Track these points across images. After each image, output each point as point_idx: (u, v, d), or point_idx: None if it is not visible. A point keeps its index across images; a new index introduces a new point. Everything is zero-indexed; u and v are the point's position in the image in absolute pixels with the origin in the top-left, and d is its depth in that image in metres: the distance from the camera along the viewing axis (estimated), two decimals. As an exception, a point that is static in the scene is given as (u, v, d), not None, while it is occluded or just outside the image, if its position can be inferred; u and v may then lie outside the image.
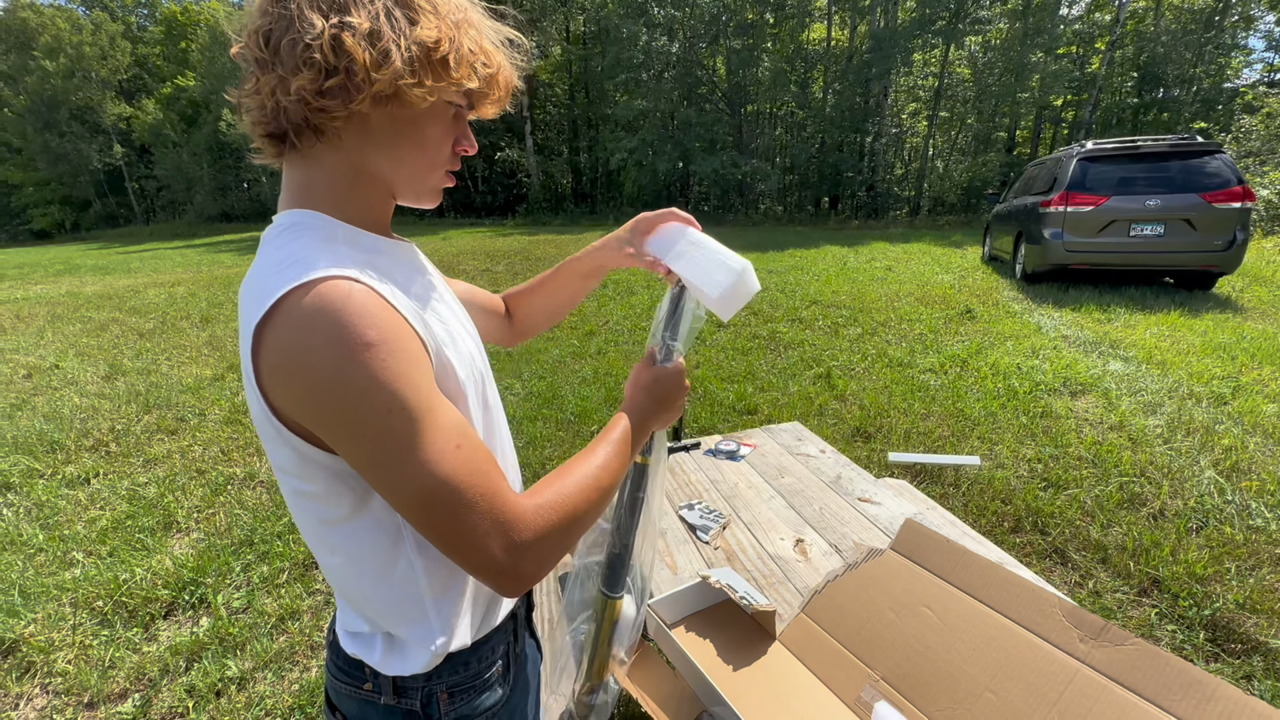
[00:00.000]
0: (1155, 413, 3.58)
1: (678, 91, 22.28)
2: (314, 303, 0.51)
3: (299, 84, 0.53)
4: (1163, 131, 17.96)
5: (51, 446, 3.82)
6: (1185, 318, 5.55)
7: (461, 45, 0.58)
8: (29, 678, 1.99)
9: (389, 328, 0.53)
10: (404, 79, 0.54)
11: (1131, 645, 0.73)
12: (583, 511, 0.61)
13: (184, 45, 32.49)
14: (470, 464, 0.55)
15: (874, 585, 0.97)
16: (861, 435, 3.53)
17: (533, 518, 0.57)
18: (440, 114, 0.61)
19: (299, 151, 0.59)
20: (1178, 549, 2.35)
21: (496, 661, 0.72)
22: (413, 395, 0.53)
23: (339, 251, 0.56)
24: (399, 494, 0.54)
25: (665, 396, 0.79)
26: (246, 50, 0.56)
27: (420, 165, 0.63)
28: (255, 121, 0.58)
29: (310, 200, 0.61)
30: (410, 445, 0.52)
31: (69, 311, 8.68)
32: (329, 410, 0.52)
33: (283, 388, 0.53)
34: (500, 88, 0.64)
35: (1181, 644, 1.96)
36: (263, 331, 0.52)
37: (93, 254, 20.80)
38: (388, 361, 0.51)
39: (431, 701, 0.67)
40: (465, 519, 0.54)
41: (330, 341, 0.50)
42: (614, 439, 0.70)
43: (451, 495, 0.53)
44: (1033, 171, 8.21)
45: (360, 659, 0.67)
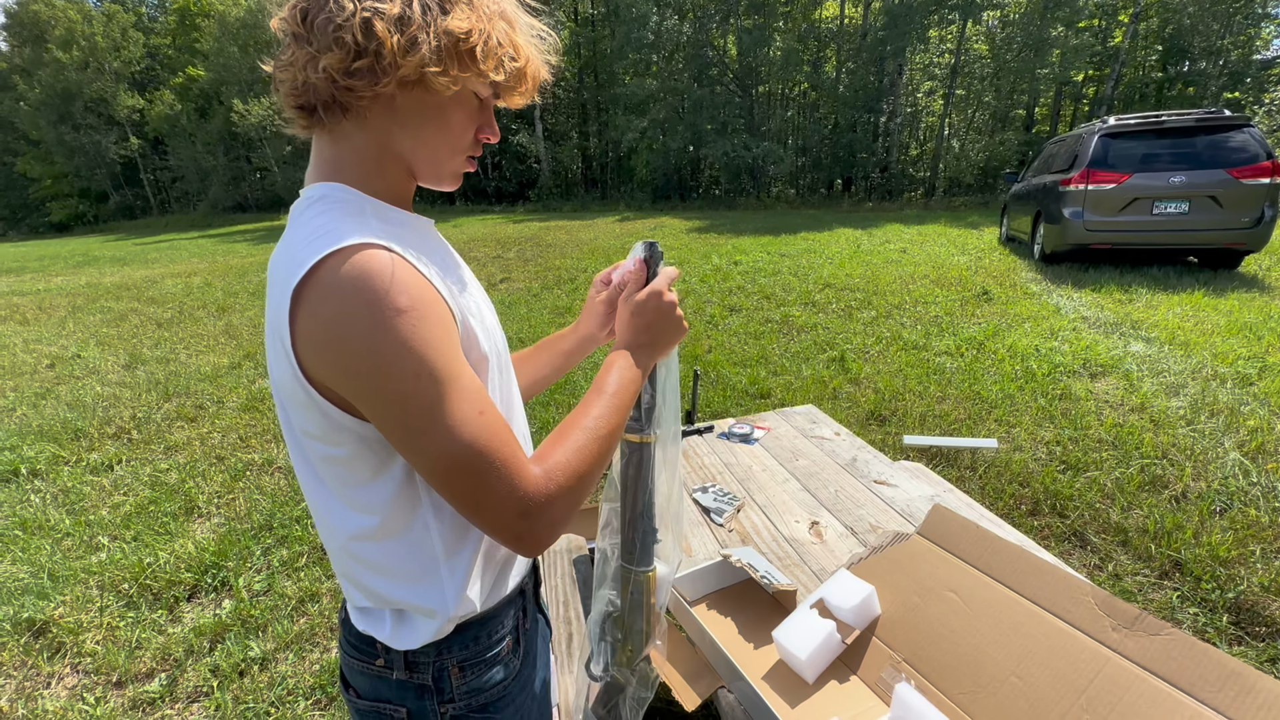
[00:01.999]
0: (1178, 394, 3.51)
1: (688, 73, 21.98)
2: (348, 270, 0.52)
3: (327, 62, 0.55)
4: (1188, 106, 17.45)
5: (75, 434, 3.89)
6: (1209, 297, 5.42)
7: (491, 38, 0.58)
8: (59, 658, 2.05)
9: (419, 294, 0.55)
10: (430, 66, 0.56)
11: (1166, 635, 0.71)
12: (588, 468, 0.62)
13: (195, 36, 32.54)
14: (491, 430, 0.56)
15: (898, 569, 0.96)
16: (876, 419, 3.50)
17: (545, 482, 0.58)
18: (465, 101, 0.63)
19: (326, 127, 0.61)
20: (1200, 531, 2.32)
21: (506, 636, 0.73)
22: (440, 361, 0.54)
23: (369, 224, 0.58)
24: (424, 458, 0.55)
25: (649, 322, 0.75)
26: (286, 23, 0.58)
27: (443, 149, 0.65)
28: (287, 93, 0.59)
29: (338, 174, 0.62)
30: (437, 411, 0.54)
31: (89, 302, 8.81)
32: (361, 375, 0.53)
33: (317, 352, 0.54)
34: (528, 80, 0.65)
35: (1204, 627, 1.94)
36: (298, 298, 0.53)
37: (110, 245, 21.08)
38: (418, 327, 0.53)
39: (443, 675, 0.68)
40: (486, 483, 0.55)
41: (364, 307, 0.52)
42: (605, 388, 0.69)
43: (475, 460, 0.55)
44: (1052, 149, 8.01)
45: (371, 635, 0.68)
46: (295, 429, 0.62)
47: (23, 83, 33.54)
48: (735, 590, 1.20)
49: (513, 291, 7.64)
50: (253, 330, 6.54)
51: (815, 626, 0.92)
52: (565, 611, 1.62)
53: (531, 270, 9.11)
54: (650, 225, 14.78)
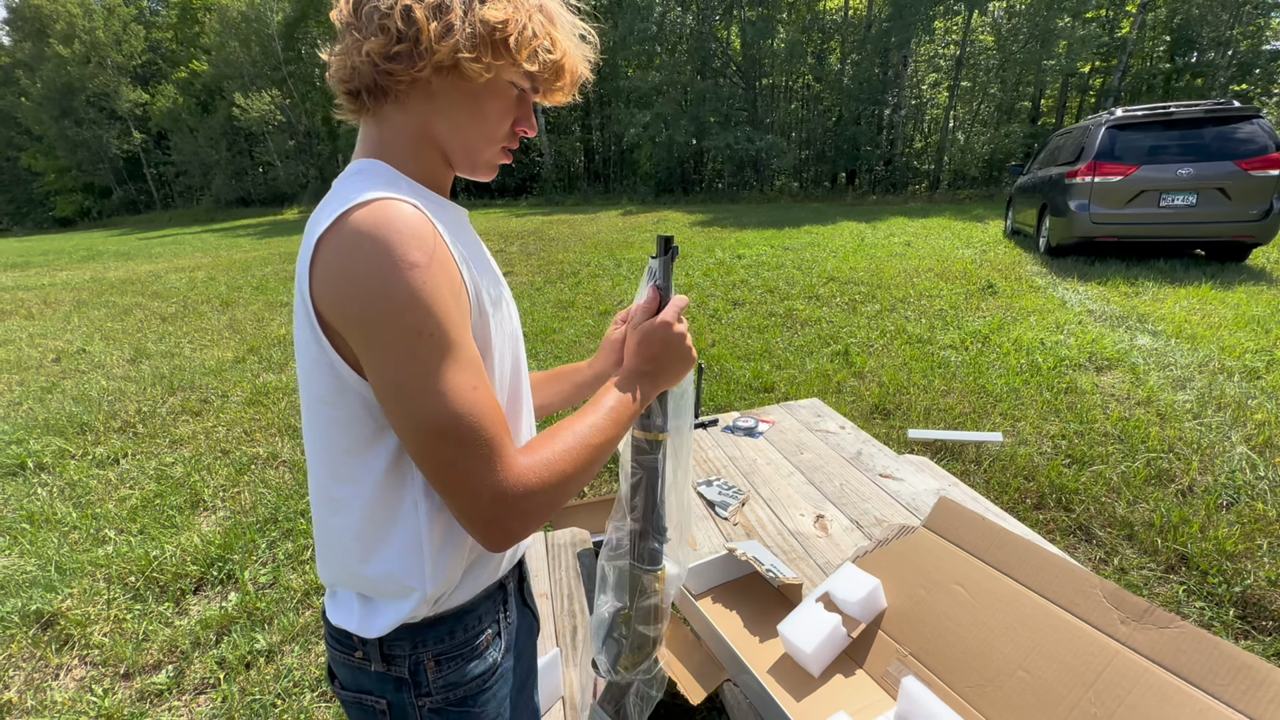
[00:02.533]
0: (1185, 388, 3.49)
1: (691, 65, 21.85)
2: (369, 216, 0.54)
3: (370, 47, 0.58)
4: (1196, 97, 17.27)
5: (81, 428, 3.91)
6: (1217, 290, 5.39)
7: (527, 29, 0.61)
8: (68, 649, 2.06)
9: (436, 252, 0.56)
10: (463, 53, 0.58)
11: (1176, 628, 0.70)
12: (572, 473, 0.61)
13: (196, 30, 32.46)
14: (483, 407, 0.57)
15: (904, 562, 0.96)
16: (880, 412, 3.49)
17: (525, 472, 0.58)
18: (501, 92, 0.64)
19: (371, 111, 0.64)
20: (1207, 525, 2.30)
21: (485, 630, 0.73)
22: (445, 323, 0.55)
23: (401, 189, 0.60)
24: (410, 420, 0.55)
25: (656, 352, 0.75)
26: (340, 15, 0.61)
27: (477, 137, 0.66)
28: (338, 80, 0.63)
29: (380, 154, 0.65)
30: (433, 372, 0.54)
31: (93, 297, 8.84)
32: (367, 321, 0.54)
33: (330, 296, 0.56)
34: (566, 75, 0.67)
35: (1210, 620, 1.93)
36: (321, 245, 0.55)
37: (114, 240, 21.13)
38: (428, 284, 0.54)
39: (419, 668, 0.68)
40: (467, 459, 0.55)
41: (379, 253, 0.53)
42: (602, 406, 0.69)
43: (460, 432, 0.55)
44: (1058, 141, 7.95)
45: (344, 627, 0.68)
46: (313, 395, 0.62)
47: (25, 77, 33.55)
48: (740, 584, 1.20)
49: (516, 285, 7.63)
50: (256, 325, 6.55)
51: (821, 620, 0.92)
52: (570, 605, 1.62)
53: (534, 264, 9.09)
54: (653, 219, 14.74)
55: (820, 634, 0.88)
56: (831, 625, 0.89)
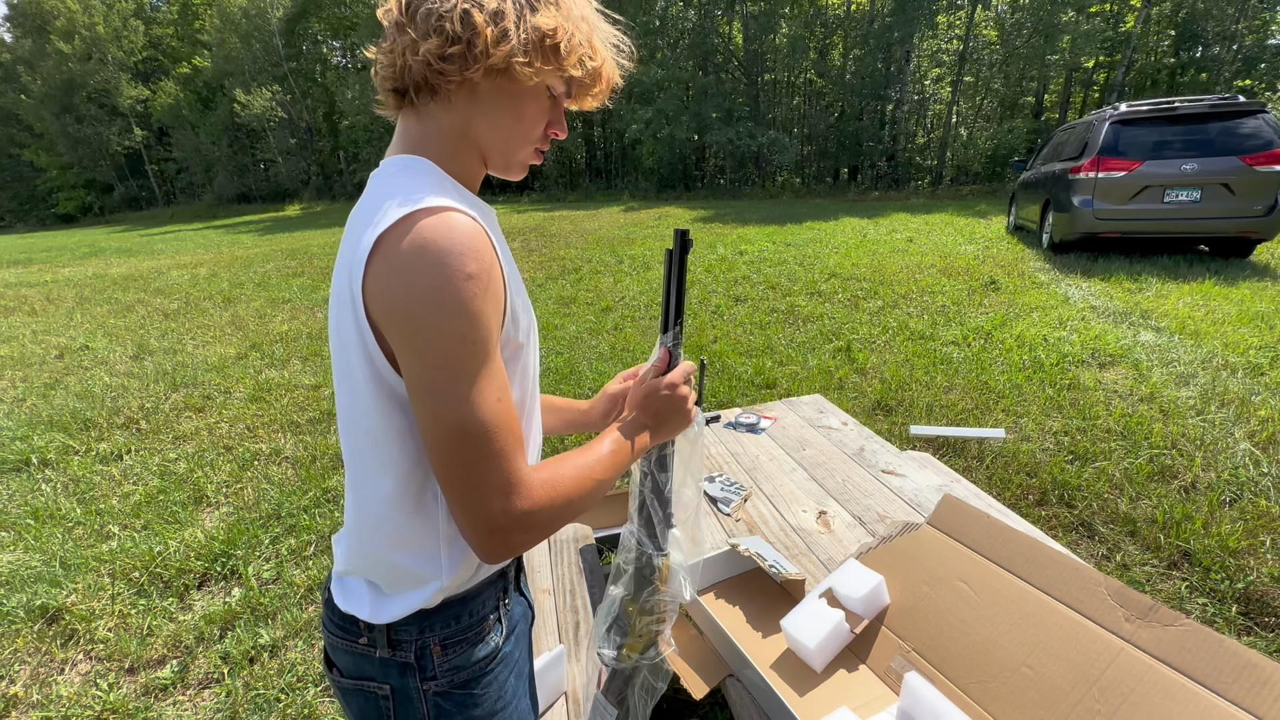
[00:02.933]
0: (1188, 384, 3.48)
1: (693, 60, 21.78)
2: (433, 225, 0.57)
3: (427, 47, 0.60)
4: (1201, 92, 17.18)
5: (85, 424, 3.92)
6: (1220, 286, 5.37)
7: (574, 37, 0.64)
8: (73, 644, 2.07)
9: (488, 267, 0.59)
10: (517, 57, 0.61)
11: (1180, 626, 0.70)
12: (575, 498, 0.64)
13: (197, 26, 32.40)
14: (505, 419, 0.59)
15: (908, 559, 0.96)
16: (882, 408, 3.49)
17: (535, 488, 0.60)
18: (540, 95, 0.68)
19: (415, 107, 0.66)
20: (1210, 522, 2.30)
21: (488, 615, 0.75)
22: (485, 336, 0.58)
23: (453, 195, 0.63)
24: (437, 420, 0.58)
25: (658, 410, 0.80)
26: (390, 13, 0.63)
27: (515, 137, 0.69)
28: (384, 77, 0.65)
29: (421, 150, 0.67)
30: (467, 379, 0.57)
31: (96, 293, 8.85)
32: (414, 323, 0.56)
33: (384, 294, 0.57)
34: (603, 82, 0.70)
35: (1212, 617, 1.93)
36: (379, 245, 0.57)
37: (117, 236, 21.15)
38: (479, 297, 0.57)
39: (425, 653, 0.70)
40: (483, 466, 0.58)
41: (438, 263, 0.56)
42: (604, 446, 0.72)
43: (481, 439, 0.57)
44: (1062, 137, 7.92)
45: (353, 614, 0.70)
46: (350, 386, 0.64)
47: (26, 74, 33.53)
48: (743, 579, 1.20)
49: (517, 282, 7.62)
50: (258, 321, 6.56)
51: (824, 615, 0.92)
52: (572, 600, 1.62)
53: (536, 260, 9.09)
54: (655, 215, 14.72)
55: (823, 629, 0.88)
56: (835, 621, 0.89)
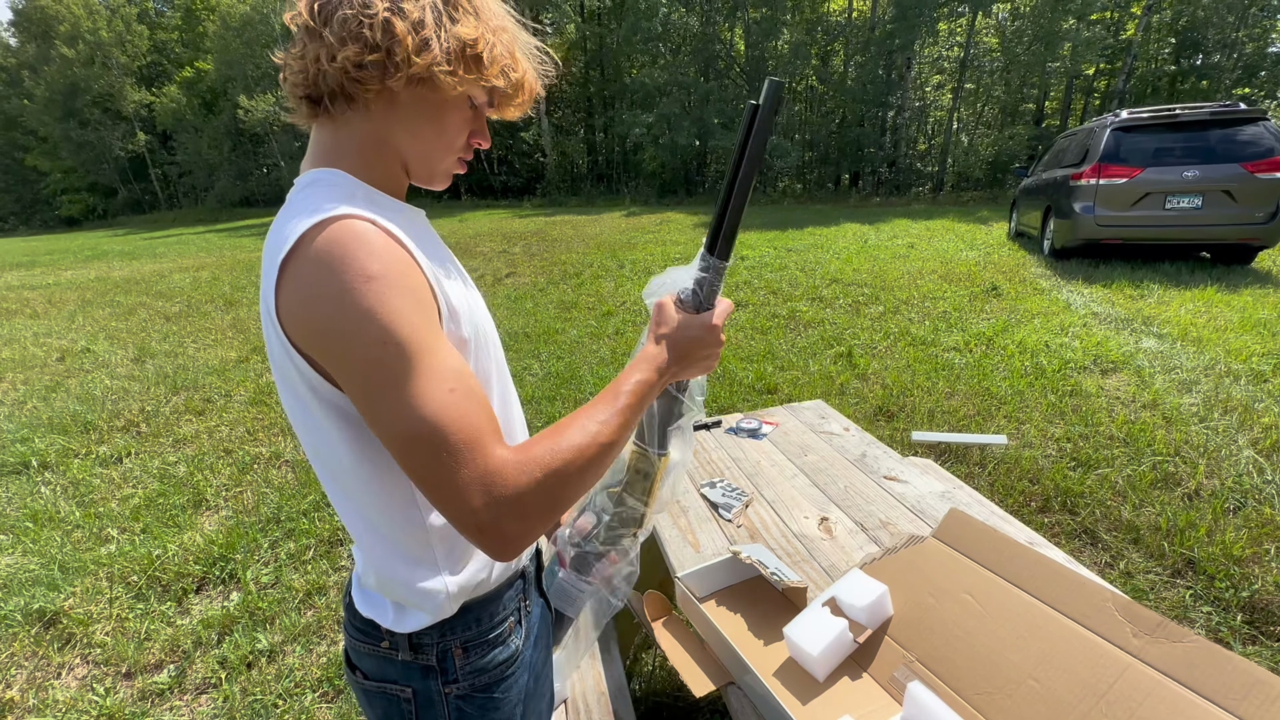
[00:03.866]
0: (1191, 391, 3.47)
1: (695, 66, 21.86)
2: (325, 236, 0.54)
3: (344, 54, 0.58)
4: (1202, 100, 17.21)
5: (85, 427, 3.92)
6: (1223, 293, 5.36)
7: (496, 47, 0.63)
8: (70, 648, 2.06)
9: (392, 264, 0.55)
10: (440, 67, 0.59)
11: (1189, 642, 0.69)
12: (575, 469, 0.58)
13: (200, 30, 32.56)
14: (460, 409, 0.54)
15: (912, 570, 0.95)
16: (884, 414, 3.48)
17: (515, 472, 0.54)
18: (461, 105, 0.66)
19: (330, 116, 0.64)
20: (1214, 530, 2.29)
21: (508, 618, 0.75)
22: (409, 332, 0.54)
23: (356, 202, 0.59)
24: (385, 431, 0.55)
25: (688, 350, 0.71)
26: (300, 17, 0.61)
27: (437, 147, 0.68)
28: (295, 84, 0.62)
29: (335, 161, 0.65)
30: (400, 381, 0.53)
31: (98, 296, 8.87)
32: (329, 337, 0.54)
33: (294, 317, 0.56)
34: (525, 92, 0.69)
35: (1217, 626, 1.92)
36: (284, 270, 0.55)
37: (119, 240, 21.20)
38: (386, 295, 0.53)
39: (447, 656, 0.70)
40: (446, 465, 0.53)
41: (335, 273, 0.53)
42: (620, 393, 0.65)
43: (434, 438, 0.53)
44: (1063, 144, 7.93)
45: (374, 620, 0.70)
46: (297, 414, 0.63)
47: (29, 79, 33.68)
48: (744, 587, 1.19)
49: (519, 286, 7.63)
50: (259, 324, 6.54)
51: (827, 624, 0.91)
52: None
53: (537, 265, 9.09)
54: (656, 220, 14.74)
55: (826, 638, 0.87)
56: (838, 629, 0.88)
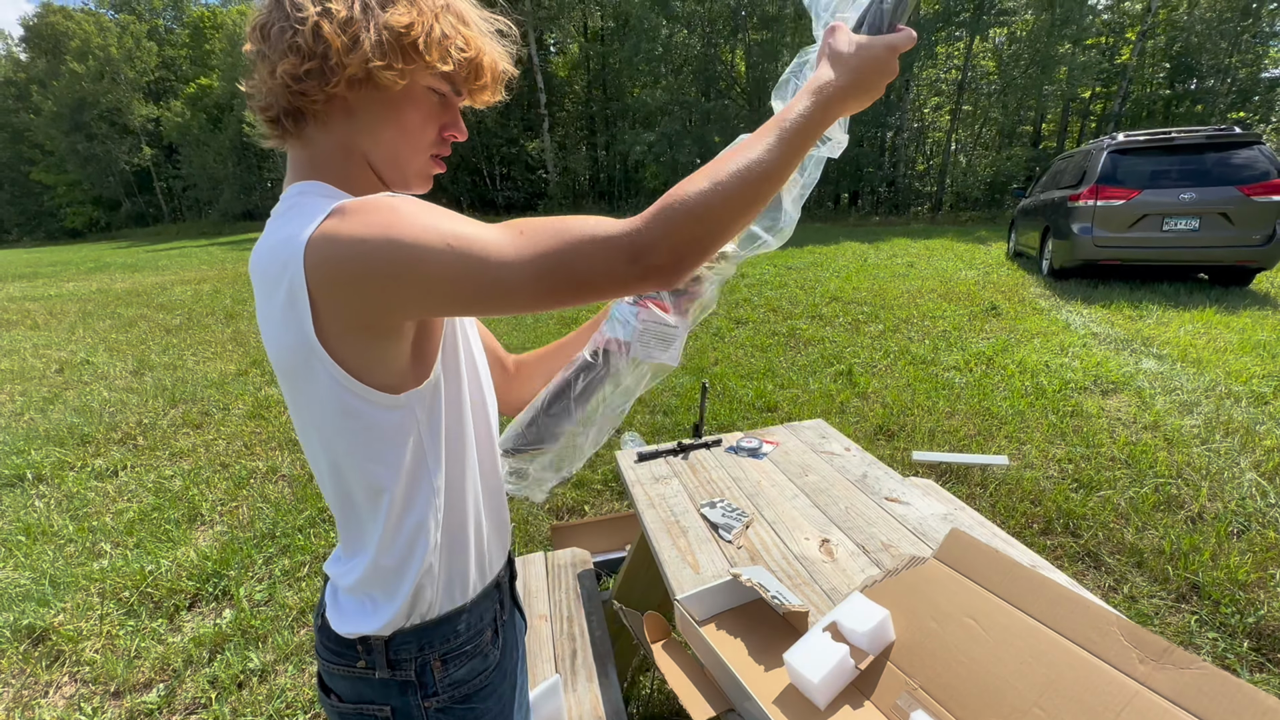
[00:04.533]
0: (1192, 412, 3.46)
1: (696, 86, 22.15)
2: (343, 216, 0.54)
3: (283, 69, 0.57)
4: (1196, 123, 17.42)
5: (82, 439, 3.90)
6: (1221, 315, 5.37)
7: (435, 29, 0.59)
8: (58, 666, 2.03)
9: (406, 198, 0.57)
10: (373, 62, 0.57)
11: (1198, 669, 0.68)
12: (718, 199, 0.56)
13: (208, 47, 33.04)
14: (545, 233, 0.55)
15: (914, 593, 0.93)
16: (884, 434, 3.46)
17: (645, 223, 0.55)
18: (420, 98, 0.63)
19: (294, 134, 0.63)
20: (1218, 553, 2.27)
21: (486, 628, 0.75)
22: (458, 226, 0.55)
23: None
24: (518, 298, 0.56)
25: (865, 77, 0.64)
26: (251, 43, 0.61)
27: (403, 148, 0.65)
28: (256, 107, 0.62)
29: (314, 175, 0.64)
30: (489, 257, 0.54)
31: (99, 308, 8.88)
32: (406, 277, 0.53)
33: (347, 293, 0.54)
34: (486, 73, 0.65)
35: (1224, 652, 1.89)
36: (308, 261, 0.54)
37: (122, 252, 21.30)
38: (421, 214, 0.55)
39: (426, 669, 0.70)
40: (581, 266, 0.54)
41: (371, 228, 0.53)
42: (787, 121, 0.61)
43: (555, 262, 0.54)
44: (1060, 165, 8.01)
45: (354, 636, 0.69)
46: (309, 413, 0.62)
47: (38, 93, 34.10)
48: (745, 610, 1.17)
49: (519, 301, 7.64)
50: (259, 338, 6.55)
51: (828, 650, 0.89)
52: (569, 627, 1.59)
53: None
54: (657, 237, 14.82)
55: (827, 664, 0.86)
56: (839, 656, 0.86)
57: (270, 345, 0.61)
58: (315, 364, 0.57)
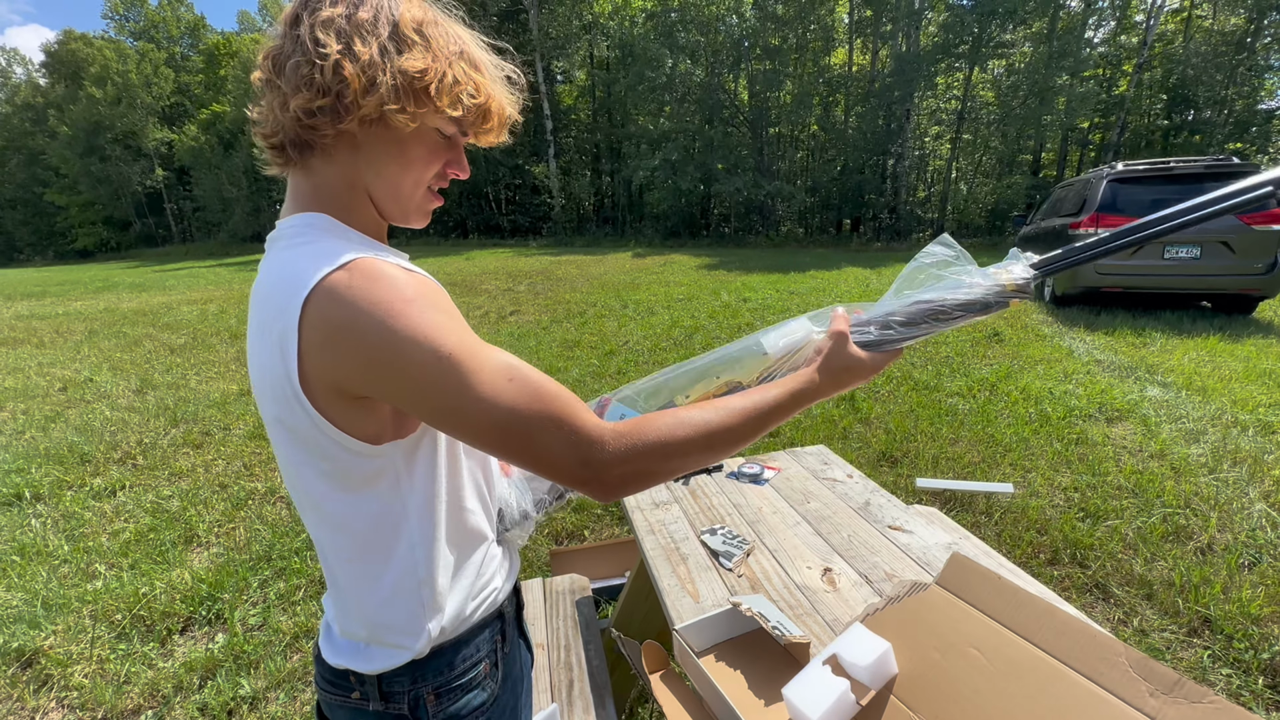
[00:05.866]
0: (1198, 441, 3.43)
1: (700, 114, 22.53)
2: (355, 276, 0.55)
3: (296, 103, 0.58)
4: (1194, 153, 17.61)
5: (81, 458, 3.89)
6: (1226, 343, 5.36)
7: (448, 76, 0.61)
8: (46, 691, 1.99)
9: (421, 286, 0.58)
10: (389, 105, 0.59)
11: (1209, 703, 0.66)
12: (679, 453, 0.61)
13: (223, 73, 33.83)
14: (529, 393, 0.58)
15: (917, 622, 0.91)
16: (888, 460, 3.43)
17: (613, 441, 0.58)
18: (426, 137, 0.65)
19: (298, 164, 0.64)
20: (1229, 586, 2.22)
21: (482, 660, 0.73)
22: (455, 341, 0.56)
23: (362, 247, 0.61)
24: (470, 433, 0.58)
25: (845, 384, 0.74)
26: (262, 72, 0.62)
27: (405, 183, 0.66)
28: (262, 135, 0.63)
29: (316, 207, 0.65)
30: (465, 388, 0.56)
31: (105, 327, 8.94)
32: (383, 366, 0.55)
33: (331, 355, 0.56)
34: (493, 118, 0.67)
35: (1238, 690, 1.84)
36: (305, 314, 0.55)
37: (131, 272, 21.52)
38: (427, 313, 0.56)
39: (419, 704, 0.69)
40: (540, 441, 0.57)
41: (373, 306, 0.54)
42: (764, 401, 0.67)
43: (517, 424, 0.57)
44: (1061, 193, 8.07)
45: (347, 669, 0.69)
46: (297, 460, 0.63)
47: (54, 117, 34.85)
48: (745, 640, 1.15)
49: (522, 324, 7.67)
50: (263, 358, 6.58)
51: (828, 685, 0.87)
52: (566, 656, 1.56)
53: (541, 303, 9.17)
54: (660, 261, 14.93)
55: (827, 700, 0.84)
56: (839, 692, 0.84)
57: (255, 365, 0.63)
58: (296, 404, 0.58)
